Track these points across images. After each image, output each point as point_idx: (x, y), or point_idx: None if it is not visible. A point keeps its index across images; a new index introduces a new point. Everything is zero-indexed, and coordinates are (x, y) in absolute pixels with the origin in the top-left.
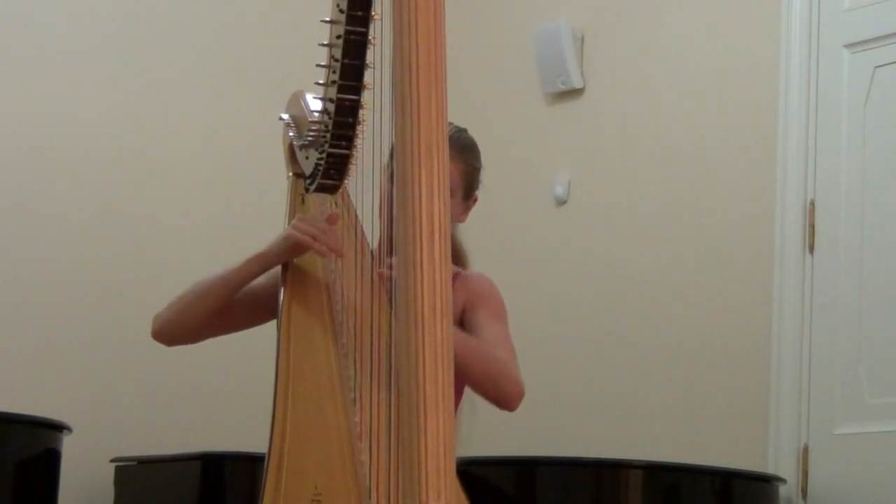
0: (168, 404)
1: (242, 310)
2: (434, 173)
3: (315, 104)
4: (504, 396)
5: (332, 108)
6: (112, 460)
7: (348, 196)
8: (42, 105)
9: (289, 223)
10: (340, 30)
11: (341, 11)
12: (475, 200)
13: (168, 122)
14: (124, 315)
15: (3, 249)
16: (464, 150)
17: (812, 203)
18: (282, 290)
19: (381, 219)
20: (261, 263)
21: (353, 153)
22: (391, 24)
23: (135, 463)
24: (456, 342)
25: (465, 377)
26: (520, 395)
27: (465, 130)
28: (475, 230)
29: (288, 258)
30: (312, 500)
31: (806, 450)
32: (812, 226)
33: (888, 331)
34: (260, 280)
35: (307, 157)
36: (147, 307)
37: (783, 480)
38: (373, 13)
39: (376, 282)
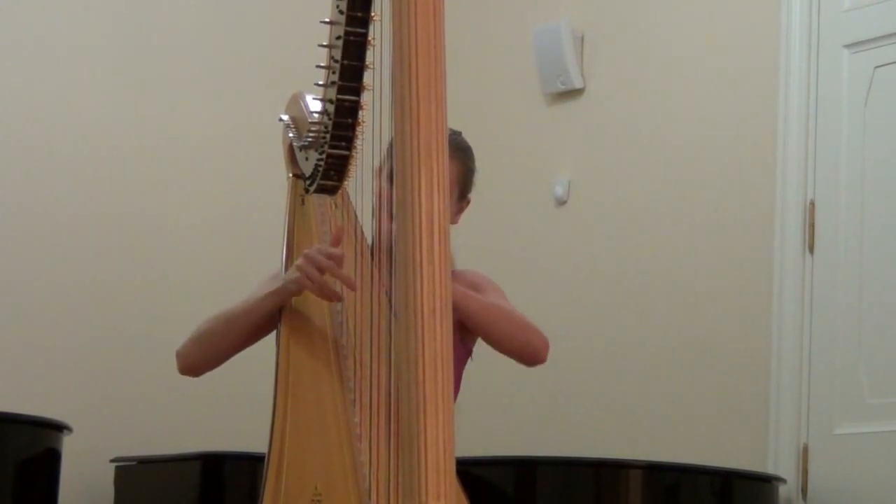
0: (168, 404)
1: (255, 332)
2: (434, 173)
3: (315, 105)
4: (532, 347)
5: (331, 108)
6: (112, 460)
7: (348, 197)
8: (41, 105)
9: (289, 225)
10: (340, 31)
11: (341, 12)
12: (468, 203)
13: (168, 123)
14: (124, 315)
15: (4, 249)
16: (460, 152)
17: (812, 203)
18: None
19: (378, 219)
20: (276, 301)
21: (353, 154)
22: (391, 25)
23: (135, 463)
24: (474, 302)
25: (489, 334)
26: (546, 345)
27: (459, 133)
28: (475, 230)
29: (300, 294)
30: (312, 501)
31: (806, 450)
32: (812, 226)
33: (888, 331)
34: None
35: (307, 158)
36: (147, 307)
37: (783, 480)
38: (372, 14)
39: (376, 282)
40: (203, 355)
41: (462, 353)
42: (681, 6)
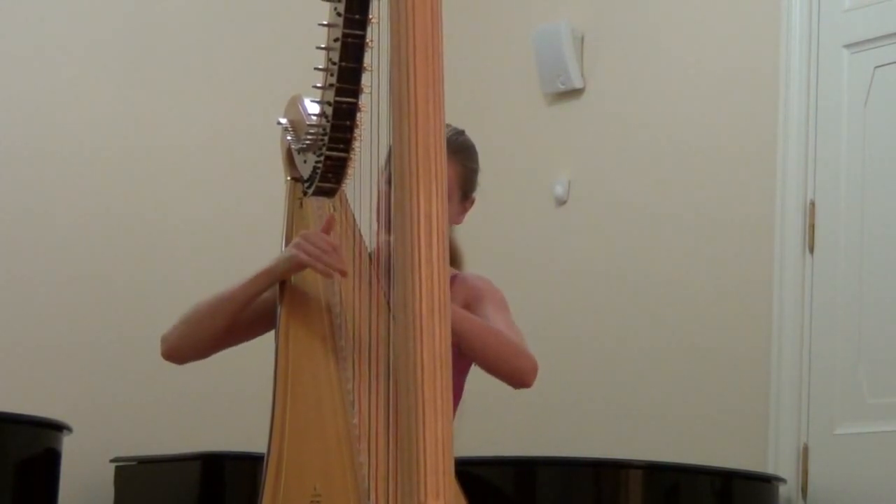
0: (168, 404)
1: (248, 324)
2: (432, 175)
3: (313, 108)
4: (520, 372)
5: (329, 111)
6: (112, 460)
7: (346, 199)
8: (43, 106)
9: (287, 227)
10: (338, 33)
11: (339, 15)
12: (472, 202)
13: (167, 126)
14: (124, 315)
15: (4, 249)
16: (461, 152)
17: (812, 203)
18: (280, 293)
19: (379, 222)
20: (267, 280)
21: (351, 156)
22: (388, 27)
23: (135, 463)
24: (469, 324)
25: (480, 357)
26: (534, 370)
27: (462, 132)
28: (475, 230)
29: (294, 274)
30: (311, 501)
31: (806, 450)
32: (812, 226)
33: (888, 331)
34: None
35: (305, 161)
36: (147, 307)
37: (783, 480)
38: (370, 16)
39: (374, 284)
40: (188, 339)
41: (464, 362)
42: (681, 6)
